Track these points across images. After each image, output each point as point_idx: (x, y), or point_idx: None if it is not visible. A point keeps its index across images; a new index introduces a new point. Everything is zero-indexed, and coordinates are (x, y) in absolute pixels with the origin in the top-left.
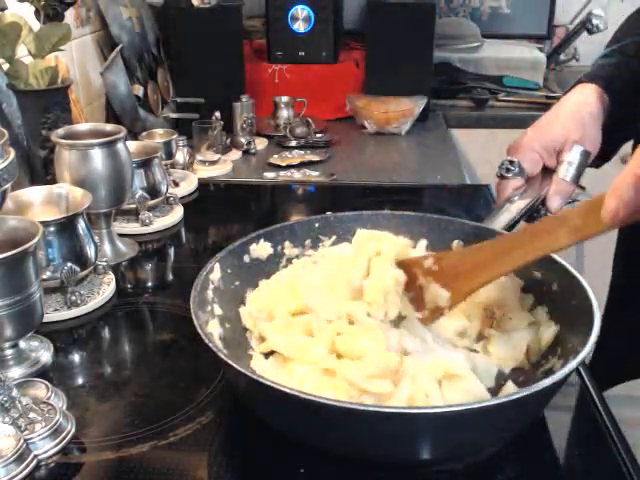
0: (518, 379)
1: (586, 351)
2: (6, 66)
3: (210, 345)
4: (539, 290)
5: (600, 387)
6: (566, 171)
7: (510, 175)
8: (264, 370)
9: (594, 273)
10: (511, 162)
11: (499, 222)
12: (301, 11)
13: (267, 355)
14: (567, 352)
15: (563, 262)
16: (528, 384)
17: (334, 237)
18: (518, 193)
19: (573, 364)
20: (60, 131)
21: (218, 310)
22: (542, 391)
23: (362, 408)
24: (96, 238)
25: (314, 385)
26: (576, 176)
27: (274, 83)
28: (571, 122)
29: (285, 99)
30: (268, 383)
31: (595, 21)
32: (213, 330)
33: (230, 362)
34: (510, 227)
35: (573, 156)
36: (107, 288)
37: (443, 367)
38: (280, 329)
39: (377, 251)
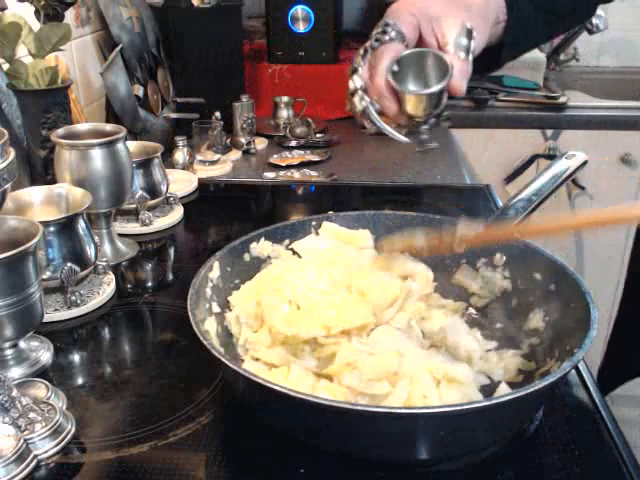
0: (517, 380)
1: (582, 353)
2: (6, 66)
3: (205, 343)
4: (538, 291)
5: (613, 384)
6: (457, 48)
7: (387, 38)
8: (259, 370)
9: (594, 275)
10: (386, 25)
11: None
12: (301, 11)
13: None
14: (565, 354)
15: (563, 262)
16: (525, 385)
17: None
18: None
19: (568, 366)
20: (60, 131)
21: (216, 308)
22: (537, 392)
23: (361, 408)
24: (96, 238)
25: (309, 385)
26: (468, 53)
27: (274, 83)
28: (454, 2)
29: (285, 99)
30: (265, 383)
31: (595, 21)
32: (210, 328)
33: (225, 361)
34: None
35: (459, 35)
36: (107, 288)
37: (443, 369)
38: (267, 343)
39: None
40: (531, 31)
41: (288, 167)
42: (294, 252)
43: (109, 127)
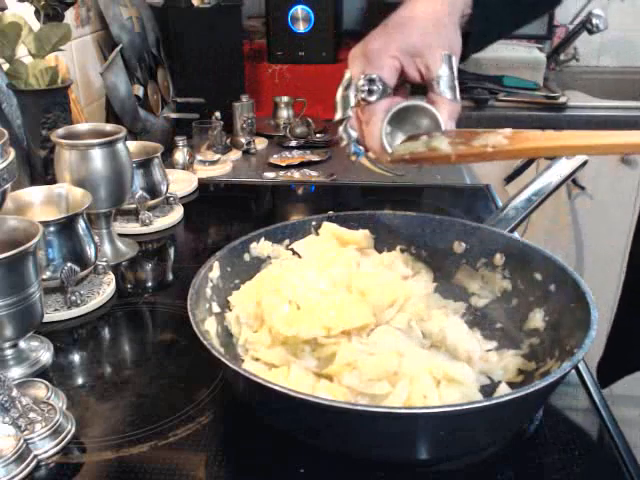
0: (517, 380)
1: (582, 353)
2: (6, 66)
3: (205, 343)
4: (538, 291)
5: (612, 378)
6: (443, 84)
7: (375, 98)
8: (259, 370)
9: (594, 275)
10: (371, 80)
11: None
12: (301, 11)
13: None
14: (565, 354)
15: (563, 262)
16: (525, 385)
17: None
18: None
19: (568, 366)
20: (60, 131)
21: (216, 308)
22: (537, 392)
23: (361, 408)
24: (96, 238)
25: (309, 385)
26: (453, 86)
27: (274, 83)
28: (430, 25)
29: (285, 99)
30: (265, 383)
31: (595, 21)
32: (210, 328)
33: (225, 361)
34: (513, 228)
35: (443, 69)
36: (107, 288)
37: (443, 369)
38: (267, 343)
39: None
40: (497, 22)
41: (288, 167)
42: (294, 252)
43: (109, 127)
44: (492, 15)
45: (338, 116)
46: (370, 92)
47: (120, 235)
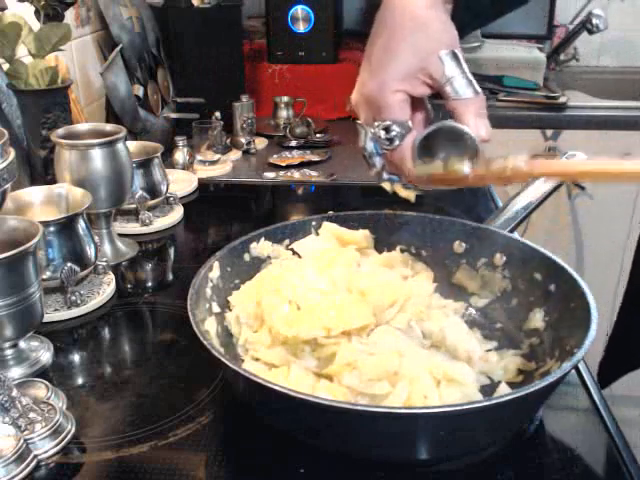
0: (517, 380)
1: (582, 353)
2: (6, 66)
3: (205, 343)
4: (538, 291)
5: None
6: (455, 83)
7: (397, 143)
8: (259, 370)
9: (594, 275)
10: (386, 129)
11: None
12: (301, 11)
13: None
14: (565, 354)
15: (563, 263)
16: (525, 385)
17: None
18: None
19: (568, 366)
20: (60, 131)
21: (216, 308)
22: (537, 392)
23: (361, 408)
24: (96, 238)
25: (309, 385)
26: (470, 83)
27: (274, 83)
28: (412, 32)
29: (285, 99)
30: (265, 383)
31: (595, 21)
32: (210, 328)
33: (225, 361)
34: (513, 228)
35: (449, 69)
36: (107, 288)
37: (443, 369)
38: (267, 343)
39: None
40: (479, 12)
41: (288, 167)
42: (294, 252)
43: (109, 127)
44: (474, 4)
45: (375, 171)
46: (391, 141)
47: (120, 235)
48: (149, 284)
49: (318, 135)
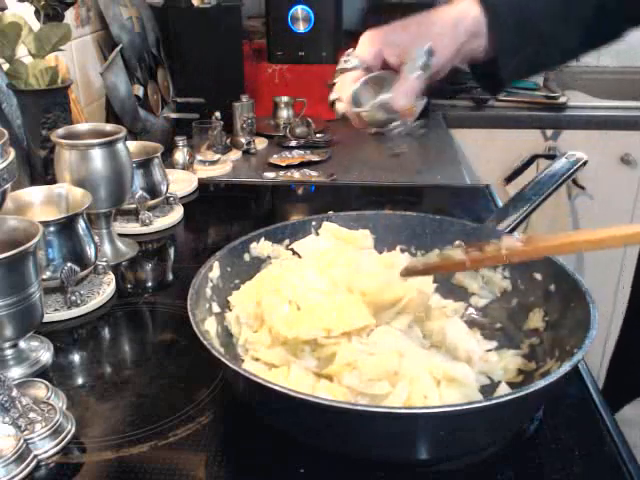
0: (517, 380)
1: (582, 353)
2: (6, 66)
3: (205, 343)
4: (538, 291)
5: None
6: (411, 67)
7: (350, 66)
8: (259, 370)
9: (594, 275)
10: (348, 54)
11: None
12: (301, 11)
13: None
14: (565, 354)
15: (563, 263)
16: (525, 385)
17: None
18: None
19: (568, 366)
20: (60, 131)
21: (216, 308)
22: (537, 392)
23: (361, 408)
24: (96, 238)
25: (309, 386)
26: (424, 70)
27: (274, 83)
28: (419, 25)
29: (285, 99)
30: (265, 383)
31: None
32: (210, 328)
33: (225, 361)
34: (513, 228)
35: (416, 56)
36: (107, 288)
37: (443, 369)
38: (267, 343)
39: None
40: (566, 48)
41: (288, 167)
42: (294, 252)
43: (109, 127)
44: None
45: (331, 82)
46: (346, 62)
47: (120, 235)
48: (149, 284)
49: (318, 135)
